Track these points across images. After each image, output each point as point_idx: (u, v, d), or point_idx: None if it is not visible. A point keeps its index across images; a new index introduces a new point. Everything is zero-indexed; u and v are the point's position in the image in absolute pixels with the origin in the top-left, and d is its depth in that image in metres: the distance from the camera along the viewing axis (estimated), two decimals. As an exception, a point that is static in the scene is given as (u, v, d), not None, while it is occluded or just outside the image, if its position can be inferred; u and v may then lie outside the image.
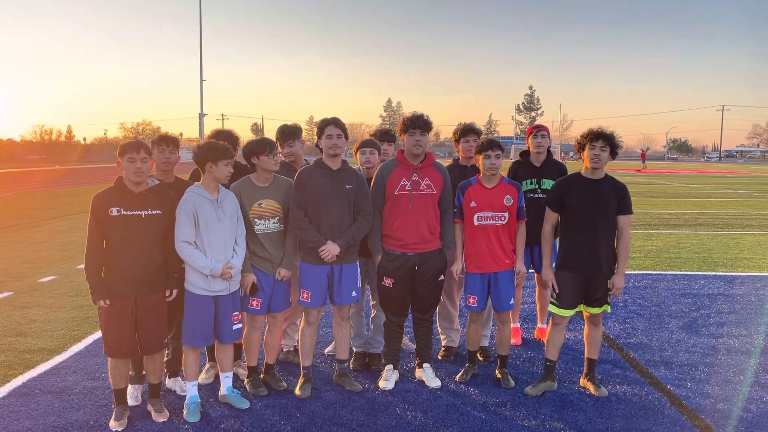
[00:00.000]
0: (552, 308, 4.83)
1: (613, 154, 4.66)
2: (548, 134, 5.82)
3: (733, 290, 8.12)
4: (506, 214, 4.83)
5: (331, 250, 4.58)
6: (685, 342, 6.03)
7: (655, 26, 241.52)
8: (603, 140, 4.60)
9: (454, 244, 4.96)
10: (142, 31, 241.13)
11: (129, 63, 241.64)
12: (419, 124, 4.78)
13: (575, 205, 4.66)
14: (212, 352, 4.97)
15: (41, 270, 9.35)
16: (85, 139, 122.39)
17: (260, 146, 4.59)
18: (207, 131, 5.43)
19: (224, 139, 4.97)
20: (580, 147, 4.73)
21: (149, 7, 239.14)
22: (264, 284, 4.64)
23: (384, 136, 5.67)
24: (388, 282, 4.87)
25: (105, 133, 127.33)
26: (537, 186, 5.63)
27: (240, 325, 4.55)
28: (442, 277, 4.97)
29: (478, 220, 4.84)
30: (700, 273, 9.22)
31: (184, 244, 4.22)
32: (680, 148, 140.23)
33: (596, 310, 4.76)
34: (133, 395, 4.56)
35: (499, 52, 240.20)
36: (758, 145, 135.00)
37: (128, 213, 4.09)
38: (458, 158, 5.68)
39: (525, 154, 5.85)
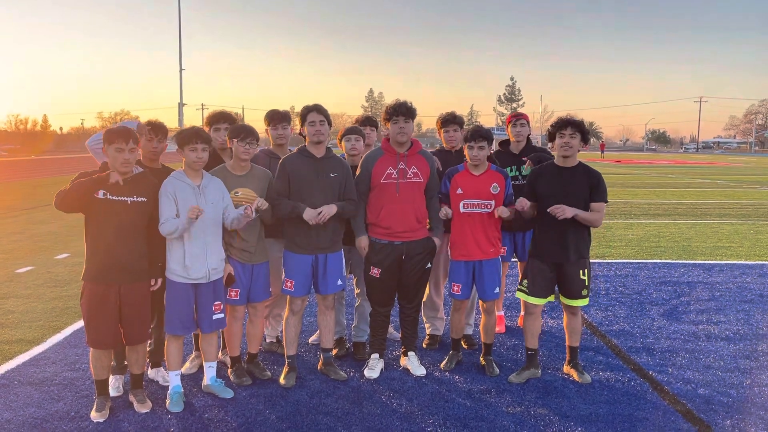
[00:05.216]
0: (521, 295, 4.85)
1: (585, 140, 4.67)
2: (528, 123, 5.82)
3: (712, 278, 8.23)
4: (492, 202, 4.82)
5: (328, 211, 4.51)
6: (666, 329, 6.10)
7: (635, 19, 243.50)
8: (571, 127, 4.60)
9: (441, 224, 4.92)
10: (120, 18, 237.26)
11: (106, 51, 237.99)
12: (402, 111, 4.74)
13: (545, 193, 4.65)
14: (198, 342, 4.91)
15: (18, 261, 9.18)
16: (61, 128, 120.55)
17: (233, 132, 4.57)
18: (186, 121, 5.41)
19: (221, 120, 5.01)
20: (551, 137, 4.74)
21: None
22: (241, 274, 4.59)
23: (366, 121, 5.64)
24: (375, 272, 4.84)
25: (82, 123, 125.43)
26: (518, 173, 5.64)
27: (222, 315, 4.49)
28: (429, 265, 4.97)
29: (464, 208, 4.83)
30: (680, 261, 9.33)
31: (166, 220, 4.15)
32: (659, 139, 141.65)
33: (571, 302, 4.78)
34: (114, 386, 4.49)
35: (481, 42, 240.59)
36: (735, 136, 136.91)
37: (114, 198, 4.02)
38: (443, 146, 5.66)
39: (505, 143, 5.86)
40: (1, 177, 28.78)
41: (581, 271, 4.70)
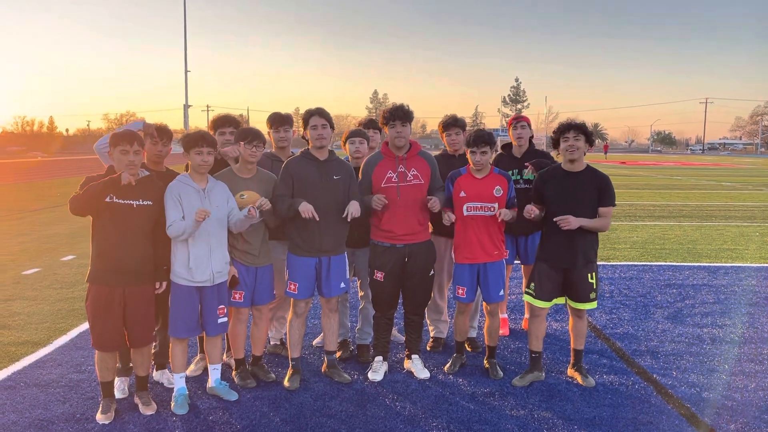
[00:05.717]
0: (528, 298, 4.86)
1: (589, 143, 4.66)
2: (528, 125, 5.81)
3: (717, 281, 8.21)
4: (496, 205, 4.81)
5: (353, 209, 4.50)
6: (671, 332, 6.09)
7: (640, 20, 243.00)
8: (574, 130, 4.59)
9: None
10: (125, 19, 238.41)
11: (112, 53, 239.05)
12: (399, 115, 4.74)
13: (552, 197, 4.66)
14: (203, 344, 4.93)
15: (24, 262, 9.23)
16: (67, 130, 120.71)
17: (239, 135, 4.58)
18: (191, 122, 5.44)
19: (226, 124, 5.02)
20: (555, 143, 4.74)
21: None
22: (246, 277, 4.61)
23: (370, 123, 5.65)
24: (379, 276, 4.85)
25: (88, 125, 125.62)
26: (519, 176, 5.63)
27: (225, 319, 4.51)
28: (432, 272, 4.98)
29: (467, 211, 4.83)
30: (685, 264, 9.31)
31: (173, 222, 4.17)
32: (664, 141, 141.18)
33: (579, 306, 4.78)
34: (120, 388, 4.52)
35: (486, 43, 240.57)
36: (740, 138, 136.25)
37: (121, 201, 4.04)
38: (446, 149, 5.67)
39: (507, 146, 5.87)
40: (9, 178, 28.92)
41: (589, 275, 4.69)
